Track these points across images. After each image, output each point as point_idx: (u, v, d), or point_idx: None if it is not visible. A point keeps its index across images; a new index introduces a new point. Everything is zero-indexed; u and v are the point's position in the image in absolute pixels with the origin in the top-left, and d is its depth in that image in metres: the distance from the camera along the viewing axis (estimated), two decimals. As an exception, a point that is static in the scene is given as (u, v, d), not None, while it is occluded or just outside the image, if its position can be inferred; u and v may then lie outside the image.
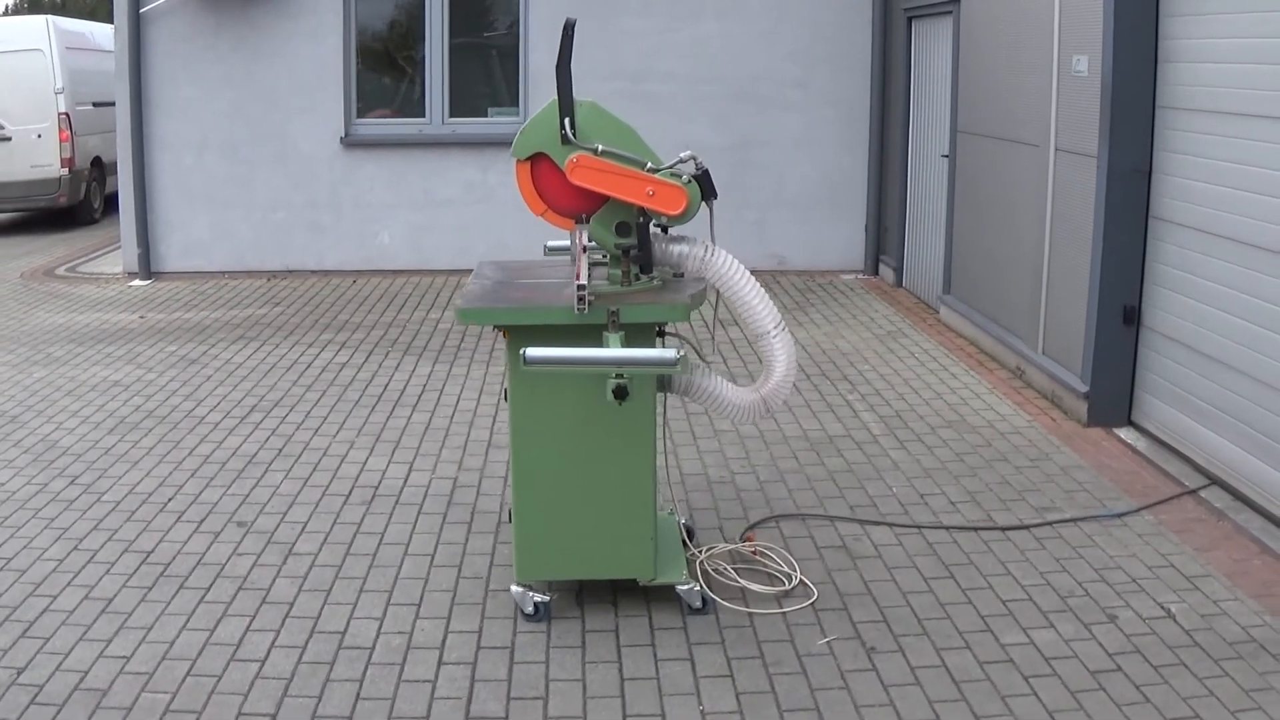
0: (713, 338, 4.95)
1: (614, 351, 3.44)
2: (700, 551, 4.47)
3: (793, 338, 4.17)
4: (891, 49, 9.57)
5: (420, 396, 6.84)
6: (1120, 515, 4.85)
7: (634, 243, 3.99)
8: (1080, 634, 3.93)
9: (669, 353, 3.33)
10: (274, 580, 4.50)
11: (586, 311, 3.57)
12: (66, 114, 14.13)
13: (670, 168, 3.99)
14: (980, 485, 5.26)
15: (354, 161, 10.80)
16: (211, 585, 4.46)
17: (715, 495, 5.26)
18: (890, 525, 4.86)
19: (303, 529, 4.99)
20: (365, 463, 5.80)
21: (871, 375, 7.03)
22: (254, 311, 9.31)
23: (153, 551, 4.78)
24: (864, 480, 5.38)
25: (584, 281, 3.55)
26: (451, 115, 10.72)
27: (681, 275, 4.18)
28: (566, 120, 3.94)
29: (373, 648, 3.96)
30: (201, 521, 5.09)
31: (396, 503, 5.27)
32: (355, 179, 10.81)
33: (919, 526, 4.83)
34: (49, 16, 13.93)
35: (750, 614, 4.10)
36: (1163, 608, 4.08)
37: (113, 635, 4.07)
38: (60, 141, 14.25)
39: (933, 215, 8.40)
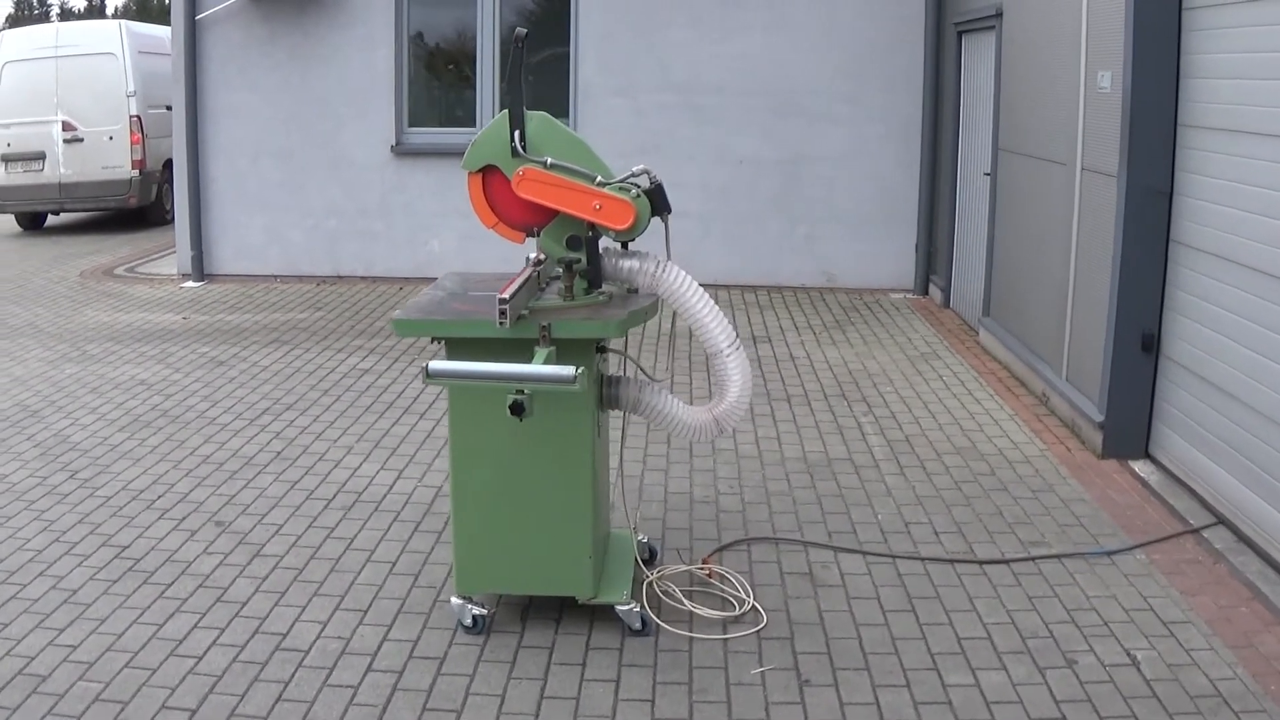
0: (670, 354, 5.00)
1: (513, 367, 3.51)
2: (652, 573, 4.52)
3: (747, 357, 4.19)
4: (943, 63, 9.52)
5: (431, 405, 6.99)
6: (1110, 553, 4.78)
7: (578, 257, 4.06)
8: (1032, 678, 3.88)
9: (566, 370, 3.39)
10: (234, 580, 4.66)
11: (508, 326, 3.64)
12: (138, 117, 14.69)
13: (621, 182, 4.05)
14: (971, 516, 5.22)
15: (404, 170, 11.07)
16: (173, 582, 4.64)
17: (694, 515, 5.30)
18: (864, 554, 4.86)
19: (276, 531, 5.15)
20: (357, 468, 5.95)
21: (892, 398, 7.00)
22: (295, 316, 9.58)
23: (128, 547, 4.98)
24: (852, 506, 5.38)
25: (506, 296, 3.63)
26: (502, 126, 10.90)
27: (636, 291, 4.23)
28: (516, 133, 4.02)
29: (308, 651, 4.08)
30: (183, 520, 5.29)
31: (375, 509, 5.41)
32: (406, 187, 11.08)
33: (893, 556, 4.82)
34: (122, 20, 14.49)
35: (692, 639, 4.14)
36: (1129, 654, 4.01)
37: (67, 625, 4.26)
38: (131, 144, 14.82)
39: (977, 235, 8.33)
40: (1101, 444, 5.78)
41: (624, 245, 4.27)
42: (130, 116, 14.78)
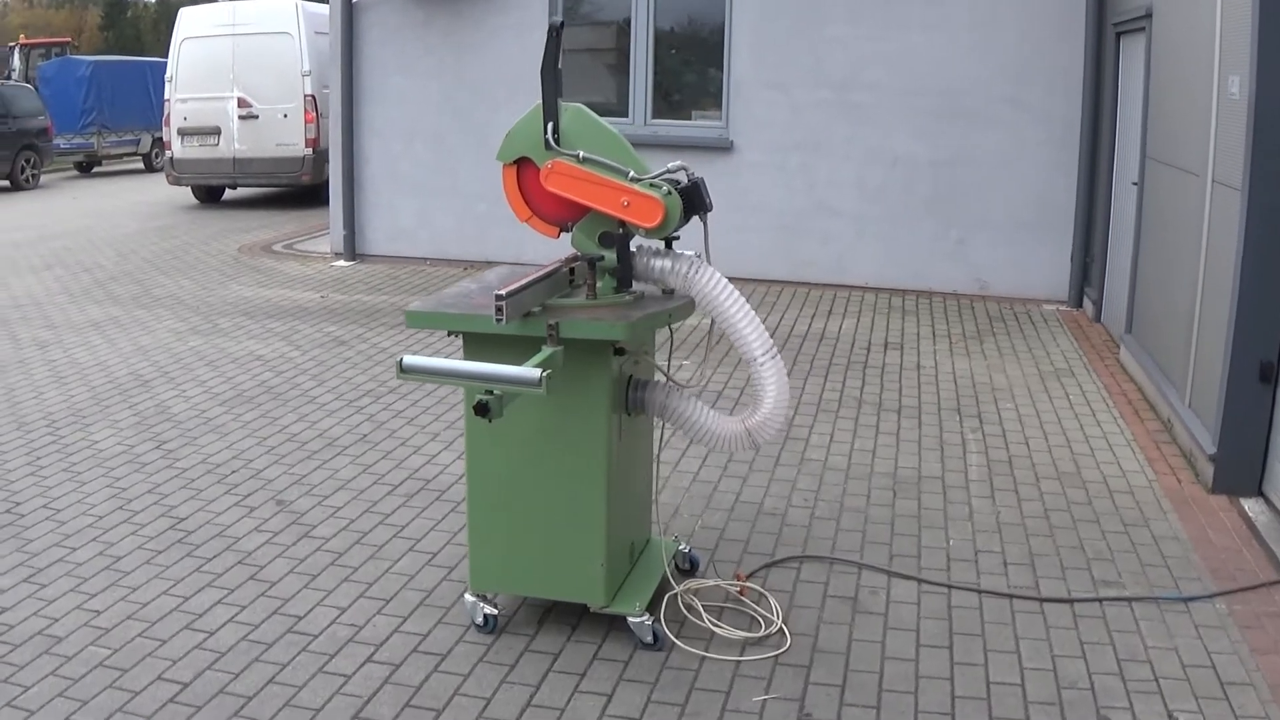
0: (705, 358, 4.91)
1: (482, 367, 3.50)
2: (680, 585, 4.46)
3: (784, 365, 4.09)
4: (1103, 65, 9.10)
5: (526, 396, 7.05)
6: (1187, 599, 4.49)
7: (601, 255, 4.04)
8: (1053, 732, 3.68)
9: (532, 373, 3.36)
10: (273, 559, 4.82)
11: (504, 322, 3.64)
12: (313, 96, 15.31)
13: (655, 178, 4.00)
14: (1050, 547, 4.97)
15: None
16: (214, 557, 4.83)
17: (756, 527, 5.21)
18: (920, 580, 4.68)
19: (332, 514, 5.30)
20: (435, 455, 6.07)
21: (1009, 415, 6.73)
22: (425, 299, 9.82)
23: (184, 520, 5.20)
24: (925, 528, 5.20)
25: (503, 292, 3.63)
26: (654, 117, 10.97)
27: (671, 292, 4.18)
28: (550, 125, 4.02)
29: (317, 636, 4.19)
30: (246, 496, 5.49)
31: (438, 498, 5.50)
32: (557, 173, 11.20)
33: (949, 586, 4.63)
34: (299, 0, 15.10)
35: (704, 657, 4.06)
36: (1170, 716, 3.76)
37: (100, 590, 4.49)
38: (305, 122, 15.46)
39: (1125, 247, 7.94)
40: (1212, 478, 5.43)
41: (667, 244, 4.21)
42: (305, 95, 15.41)
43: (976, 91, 9.76)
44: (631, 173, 4.00)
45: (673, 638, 4.15)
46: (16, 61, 26.99)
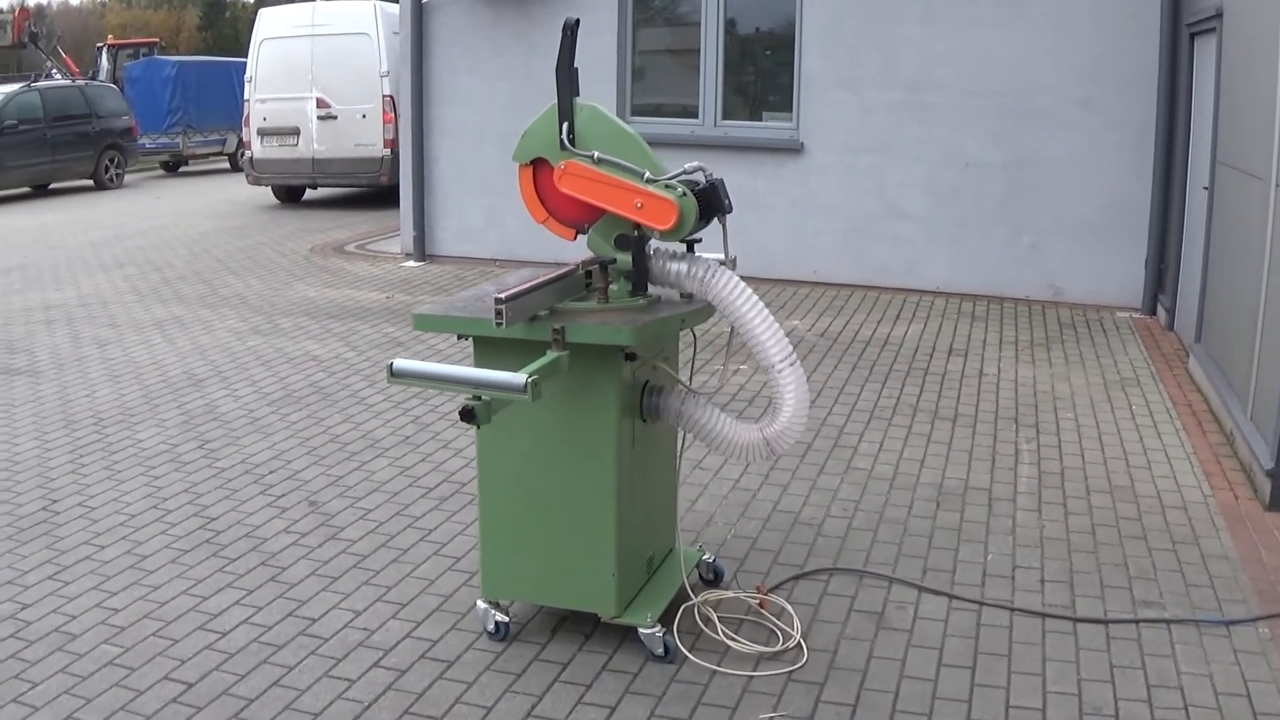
0: (725, 365, 4.82)
1: (470, 372, 3.47)
2: (697, 597, 4.40)
3: (804, 372, 4.01)
4: (1178, 67, 8.84)
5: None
6: (1229, 623, 4.32)
7: (613, 257, 4.00)
8: (1071, 759, 3.56)
9: (517, 378, 3.32)
10: (296, 561, 4.85)
11: (504, 326, 3.61)
12: (391, 96, 15.46)
13: (670, 179, 3.96)
14: (1092, 565, 4.83)
15: (625, 159, 11.15)
16: (239, 557, 4.88)
17: (790, 537, 5.13)
18: (950, 596, 4.57)
19: (362, 515, 5.33)
20: (475, 458, 6.06)
21: (1068, 425, 6.56)
22: (486, 300, 9.86)
23: (215, 520, 5.27)
24: (964, 542, 5.08)
25: (502, 295, 3.61)
26: (724, 118, 10.92)
27: (690, 297, 4.13)
28: (565, 125, 3.99)
29: (328, 639, 4.20)
30: (280, 497, 5.55)
31: (471, 501, 5.50)
32: (625, 175, 11.20)
33: (980, 603, 4.51)
34: (377, 1, 15.28)
35: (715, 672, 4.00)
36: (1198, 743, 3.62)
37: (121, 589, 4.56)
38: (384, 123, 15.63)
39: (1197, 253, 7.71)
40: (1270, 494, 5.23)
41: (690, 246, 4.16)
42: (383, 96, 15.58)
43: (1049, 93, 9.56)
44: (647, 173, 3.95)
45: (684, 650, 4.09)
46: (104, 62, 27.69)
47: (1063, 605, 4.48)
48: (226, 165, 24.45)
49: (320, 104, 15.91)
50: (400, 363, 3.49)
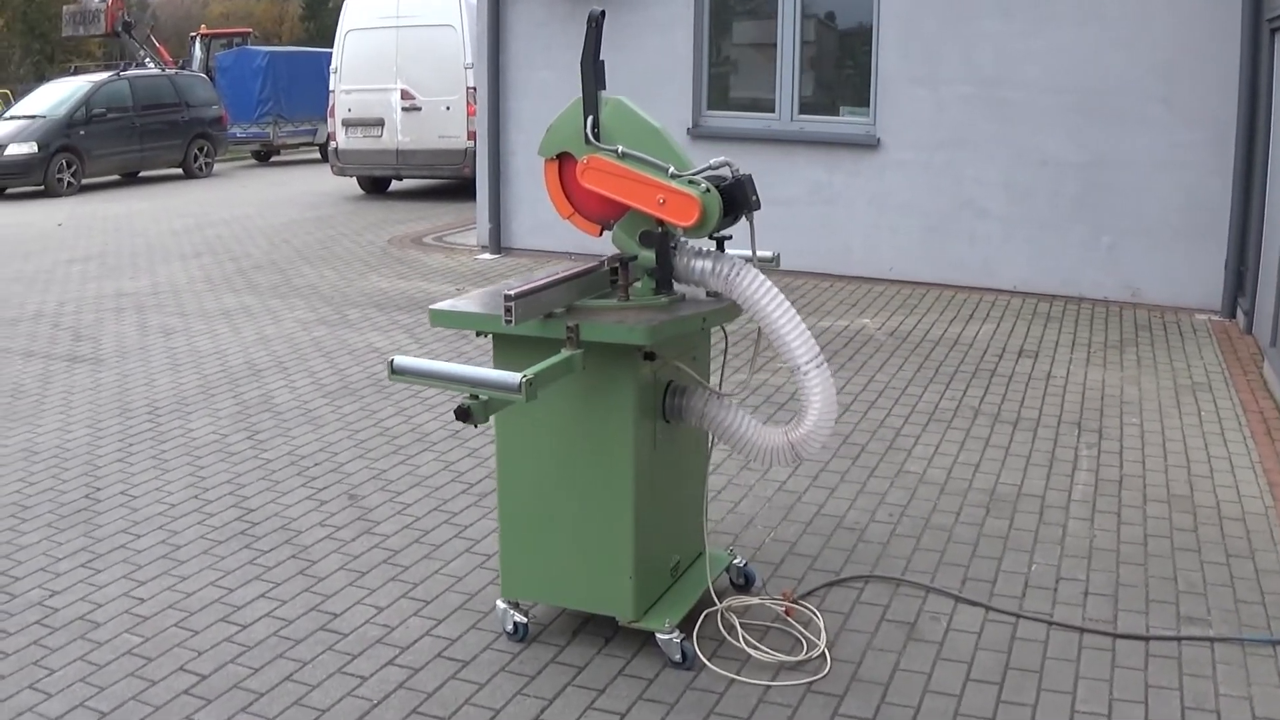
0: (751, 365, 4.71)
1: (467, 370, 3.42)
2: (721, 603, 4.31)
3: (831, 374, 3.90)
4: (1259, 65, 8.51)
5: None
6: (1275, 642, 4.13)
7: (634, 254, 3.93)
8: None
9: (512, 378, 3.26)
10: (327, 555, 4.86)
11: (513, 324, 3.56)
12: (475, 89, 15.50)
13: (695, 174, 3.88)
14: (1139, 577, 4.65)
15: (700, 153, 10.94)
16: (271, 550, 4.90)
17: (830, 542, 5.02)
18: (987, 608, 4.44)
19: (400, 510, 5.33)
20: (517, 456, 6.04)
21: (1132, 430, 6.35)
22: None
23: (253, 511, 5.30)
24: (1010, 550, 4.93)
25: (512, 291, 3.55)
26: (801, 113, 10.79)
27: (716, 295, 4.05)
28: (590, 119, 3.94)
29: (346, 635, 4.20)
30: (321, 490, 5.57)
31: (508, 500, 5.46)
32: (700, 171, 11.12)
33: (1018, 615, 4.37)
34: (461, -7, 15.37)
35: (732, 680, 3.92)
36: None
37: (150, 579, 4.61)
38: (467, 115, 15.71)
39: (1276, 254, 7.41)
40: (1339, 511, 5.00)
41: (720, 244, 4.09)
42: (467, 88, 15.65)
43: (1127, 90, 9.28)
44: (671, 169, 3.87)
45: (702, 658, 4.02)
46: (198, 51, 28.22)
47: (1103, 620, 4.32)
48: (317, 155, 24.77)
49: (405, 95, 16.04)
50: (401, 360, 3.46)
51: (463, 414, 3.21)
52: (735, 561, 4.59)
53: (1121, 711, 3.73)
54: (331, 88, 16.49)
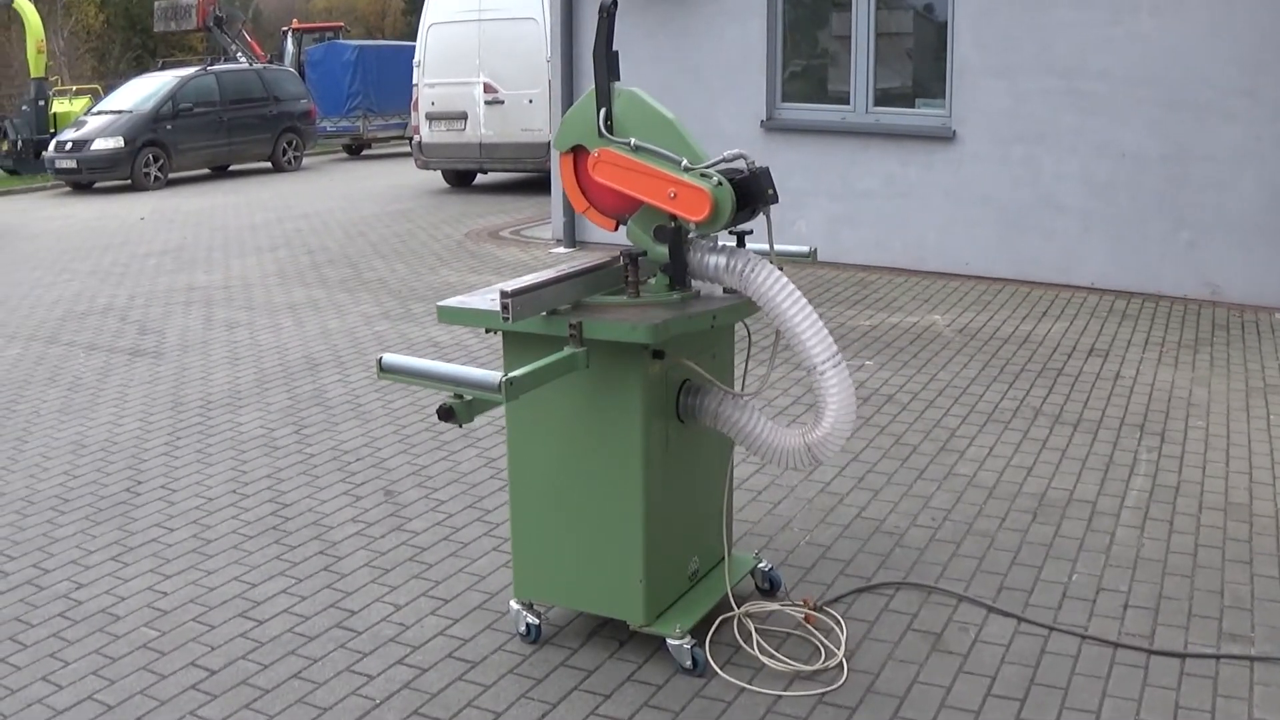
0: (770, 365, 4.56)
1: (452, 369, 3.36)
2: (737, 607, 4.21)
3: (850, 374, 3.78)
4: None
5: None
6: (1323, 664, 3.92)
7: (643, 249, 3.85)
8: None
9: (492, 377, 3.19)
10: (354, 551, 4.86)
11: (510, 320, 3.50)
12: (559, 82, 15.52)
13: (708, 167, 3.78)
14: (1184, 590, 4.45)
15: (774, 146, 10.98)
16: (299, 545, 4.91)
17: (866, 547, 4.89)
18: (1019, 619, 4.28)
19: (434, 507, 5.31)
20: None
21: (1196, 434, 6.10)
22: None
23: (288, 506, 5.32)
24: (1052, 559, 4.75)
25: (509, 288, 3.49)
26: (876, 104, 10.61)
27: (733, 291, 3.95)
28: (602, 111, 3.86)
29: (360, 633, 4.18)
30: (359, 485, 5.57)
31: (544, 498, 5.41)
32: (774, 163, 10.72)
33: (1050, 628, 4.20)
34: (544, -14, 15.36)
35: (743, 689, 3.82)
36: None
37: (175, 573, 4.64)
38: (550, 109, 15.69)
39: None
40: (1402, 524, 4.74)
41: (740, 239, 3.99)
42: (549, 81, 15.61)
43: (1210, 82, 8.93)
44: (685, 162, 3.77)
45: (714, 665, 3.92)
46: (289, 45, 28.63)
47: (1140, 634, 4.14)
48: (407, 149, 24.99)
49: (487, 89, 16.10)
50: (389, 358, 3.42)
51: (446, 414, 3.16)
52: (760, 566, 4.48)
53: (1146, 733, 3.56)
54: (415, 81, 16.61)
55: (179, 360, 7.74)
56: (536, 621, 4.10)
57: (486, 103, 16.15)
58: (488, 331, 3.93)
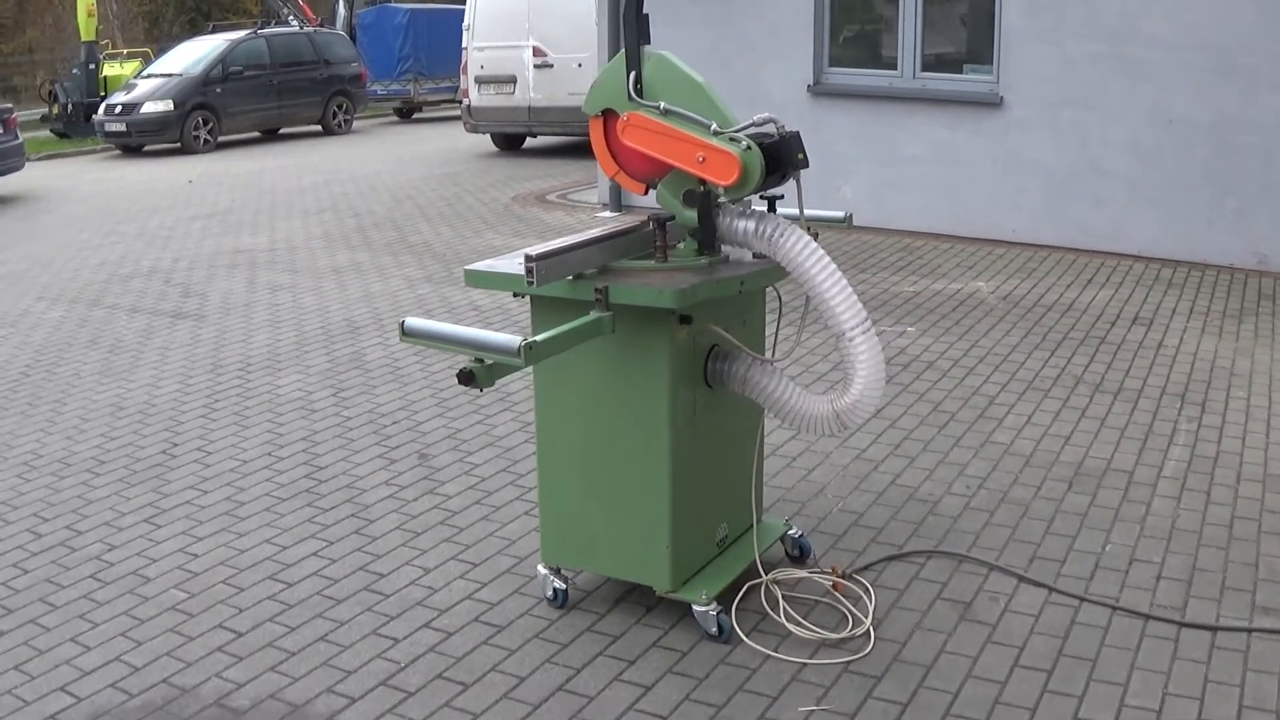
0: (800, 331, 4.48)
1: (472, 333, 3.32)
2: (765, 574, 4.16)
3: (879, 341, 3.71)
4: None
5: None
6: (1359, 639, 3.82)
7: (672, 214, 3.79)
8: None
9: (511, 341, 3.14)
10: (385, 515, 4.86)
11: (535, 285, 3.46)
12: (607, 45, 15.40)
13: (737, 131, 3.71)
14: (1218, 562, 4.36)
15: (821, 111, 10.84)
16: (331, 509, 4.91)
17: (899, 515, 4.83)
18: (1050, 589, 4.20)
19: (467, 470, 5.30)
20: (594, 418, 5.96)
21: (1237, 404, 5.97)
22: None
23: (323, 469, 5.33)
24: (1086, 529, 4.67)
25: (533, 252, 3.44)
26: (923, 70, 10.44)
27: (762, 257, 3.89)
28: (632, 75, 3.79)
29: (388, 596, 4.18)
30: (394, 449, 5.57)
31: (577, 462, 5.39)
32: (821, 128, 10.80)
33: (1081, 598, 4.13)
34: (592, -51, 15.21)
35: (768, 656, 3.79)
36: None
37: (207, 535, 4.66)
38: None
39: None
40: None
41: (771, 204, 3.93)
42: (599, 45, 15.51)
43: (1260, 48, 8.69)
44: (714, 125, 3.70)
45: (740, 632, 3.88)
46: (341, 9, 28.59)
47: (1172, 606, 4.06)
48: (458, 113, 24.96)
49: (536, 53, 16.01)
50: (411, 321, 3.38)
51: (466, 378, 3.12)
52: (791, 533, 4.43)
53: (1173, 708, 3.49)
54: (465, 45, 16.54)
55: (220, 323, 7.77)
56: (564, 586, 4.08)
57: (535, 66, 16.06)
58: (516, 295, 3.89)
